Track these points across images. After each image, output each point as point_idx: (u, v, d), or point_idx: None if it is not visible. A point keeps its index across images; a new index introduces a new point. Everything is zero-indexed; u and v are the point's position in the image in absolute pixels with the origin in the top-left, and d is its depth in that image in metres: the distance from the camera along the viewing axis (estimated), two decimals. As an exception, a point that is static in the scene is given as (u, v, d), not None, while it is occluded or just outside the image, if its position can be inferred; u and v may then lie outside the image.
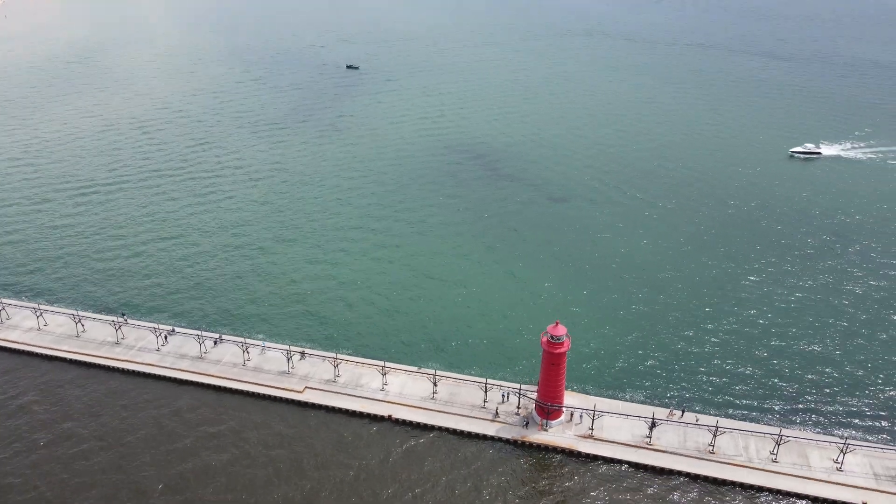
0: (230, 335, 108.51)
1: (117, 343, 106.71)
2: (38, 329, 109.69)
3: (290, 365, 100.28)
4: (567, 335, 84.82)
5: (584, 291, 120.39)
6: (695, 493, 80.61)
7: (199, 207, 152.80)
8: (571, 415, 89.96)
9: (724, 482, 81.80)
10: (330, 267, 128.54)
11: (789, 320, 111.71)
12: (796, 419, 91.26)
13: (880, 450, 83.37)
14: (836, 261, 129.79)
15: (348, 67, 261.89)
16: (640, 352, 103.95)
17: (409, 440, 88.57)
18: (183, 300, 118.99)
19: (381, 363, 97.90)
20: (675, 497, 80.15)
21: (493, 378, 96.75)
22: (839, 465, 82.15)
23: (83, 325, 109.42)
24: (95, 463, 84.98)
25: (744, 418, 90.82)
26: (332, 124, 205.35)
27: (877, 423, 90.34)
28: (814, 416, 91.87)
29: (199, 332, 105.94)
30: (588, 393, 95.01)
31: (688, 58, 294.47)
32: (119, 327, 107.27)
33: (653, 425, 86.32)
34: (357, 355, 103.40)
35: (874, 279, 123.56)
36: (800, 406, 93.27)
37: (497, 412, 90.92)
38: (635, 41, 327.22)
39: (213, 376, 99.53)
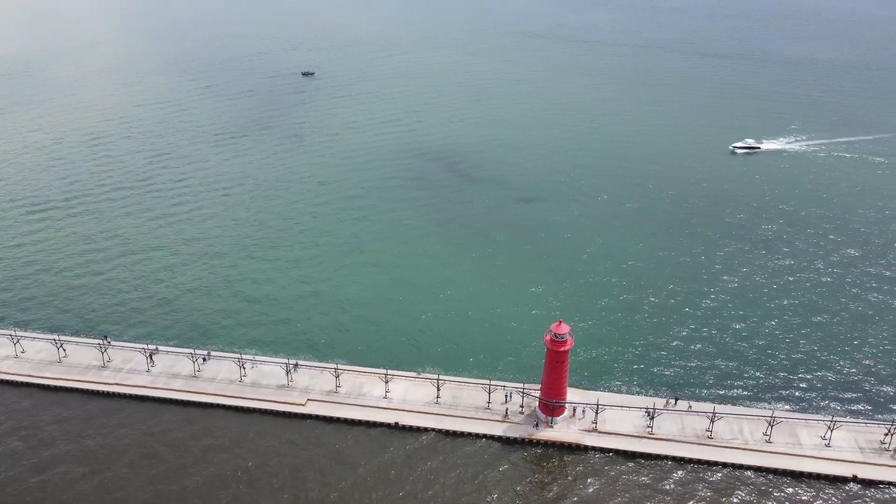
0: (219, 351, 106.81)
1: (104, 366, 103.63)
2: (16, 356, 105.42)
3: (290, 378, 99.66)
4: (570, 333, 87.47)
5: (565, 288, 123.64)
6: (696, 477, 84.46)
7: (167, 222, 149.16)
8: (574, 410, 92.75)
9: (723, 465, 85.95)
10: (309, 277, 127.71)
11: (763, 306, 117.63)
12: (784, 400, 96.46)
13: (863, 424, 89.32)
14: (791, 247, 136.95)
15: (304, 74, 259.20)
16: (628, 345, 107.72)
17: (418, 445, 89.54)
18: (163, 318, 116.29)
19: (384, 371, 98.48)
20: (679, 482, 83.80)
21: (491, 378, 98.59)
22: (827, 442, 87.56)
23: (64, 350, 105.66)
24: (94, 492, 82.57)
25: (734, 403, 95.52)
26: (294, 132, 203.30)
27: (857, 400, 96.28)
28: (799, 396, 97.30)
29: (188, 350, 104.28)
30: (586, 388, 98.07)
31: (632, 58, 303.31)
32: (105, 350, 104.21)
33: (653, 415, 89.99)
34: (354, 364, 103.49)
35: (828, 263, 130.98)
36: (786, 388, 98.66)
37: (507, 413, 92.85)
38: (581, 42, 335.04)
39: (210, 394, 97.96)
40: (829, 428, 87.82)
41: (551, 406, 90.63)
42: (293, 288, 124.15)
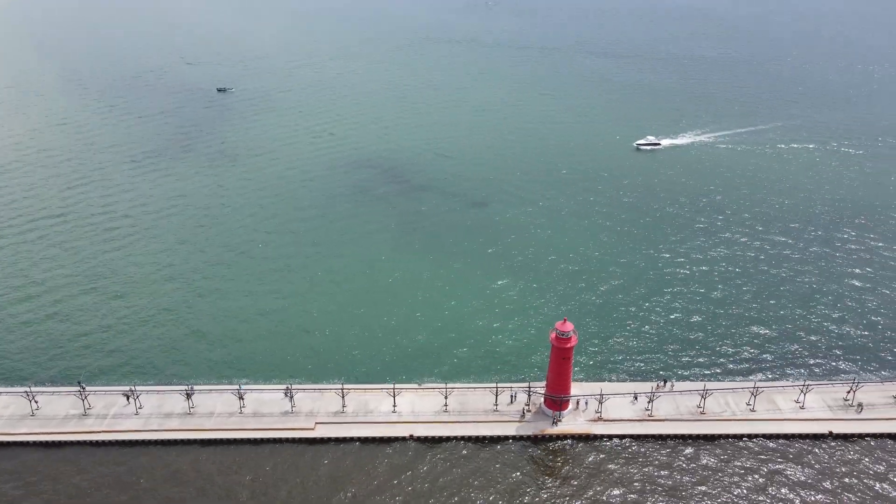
0: (205, 385, 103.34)
1: (85, 415, 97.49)
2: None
3: (292, 404, 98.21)
4: (574, 331, 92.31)
5: (534, 287, 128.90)
6: (697, 451, 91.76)
7: (104, 252, 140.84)
8: (577, 403, 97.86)
9: (717, 437, 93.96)
10: (275, 298, 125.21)
11: (716, 288, 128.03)
12: (759, 372, 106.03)
13: (829, 385, 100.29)
14: (723, 233, 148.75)
15: (219, 90, 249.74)
16: (608, 336, 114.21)
17: (436, 454, 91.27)
18: (129, 356, 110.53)
19: (390, 386, 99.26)
20: (683, 457, 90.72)
21: (492, 380, 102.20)
22: (802, 405, 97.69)
23: (37, 402, 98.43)
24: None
25: (716, 379, 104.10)
26: (222, 151, 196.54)
27: (819, 364, 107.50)
28: (770, 366, 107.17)
29: (169, 388, 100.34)
30: (580, 381, 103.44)
31: (537, 61, 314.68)
32: (85, 397, 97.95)
33: (651, 399, 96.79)
34: (347, 382, 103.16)
35: (758, 246, 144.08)
36: (757, 360, 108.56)
37: (524, 413, 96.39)
38: (486, 46, 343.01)
39: (212, 430, 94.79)
40: (801, 392, 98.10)
41: (559, 401, 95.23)
42: (263, 312, 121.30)
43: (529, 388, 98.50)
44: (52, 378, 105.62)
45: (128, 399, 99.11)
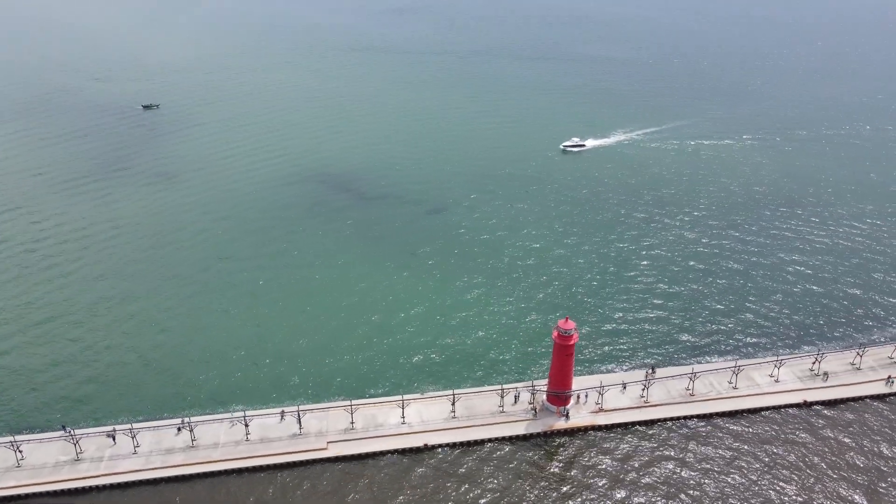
0: (201, 416, 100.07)
1: (78, 460, 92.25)
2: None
3: (300, 425, 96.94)
4: (575, 329, 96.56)
5: (509, 286, 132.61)
6: (692, 430, 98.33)
7: (50, 287, 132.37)
8: (578, 397, 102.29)
9: (707, 416, 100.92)
10: (249, 321, 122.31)
11: (677, 277, 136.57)
12: (734, 351, 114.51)
13: (798, 358, 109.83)
14: (667, 225, 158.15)
15: (145, 108, 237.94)
16: (591, 329, 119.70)
17: (453, 460, 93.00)
18: (109, 395, 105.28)
19: (398, 397, 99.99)
20: (678, 437, 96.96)
21: (493, 382, 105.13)
22: (776, 378, 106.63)
23: (21, 452, 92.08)
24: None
25: (697, 362, 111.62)
26: (158, 170, 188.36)
27: (783, 337, 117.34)
28: (742, 345, 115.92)
29: (162, 423, 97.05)
30: (577, 375, 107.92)
31: (461, 66, 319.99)
32: (77, 441, 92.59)
33: (646, 386, 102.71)
34: (356, 398, 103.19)
35: (700, 233, 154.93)
36: (730, 340, 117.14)
37: (536, 412, 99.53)
38: (407, 53, 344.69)
39: (221, 461, 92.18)
40: (775, 366, 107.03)
41: (563, 397, 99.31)
42: (240, 336, 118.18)
43: (533, 386, 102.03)
44: (29, 426, 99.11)
45: (113, 440, 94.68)
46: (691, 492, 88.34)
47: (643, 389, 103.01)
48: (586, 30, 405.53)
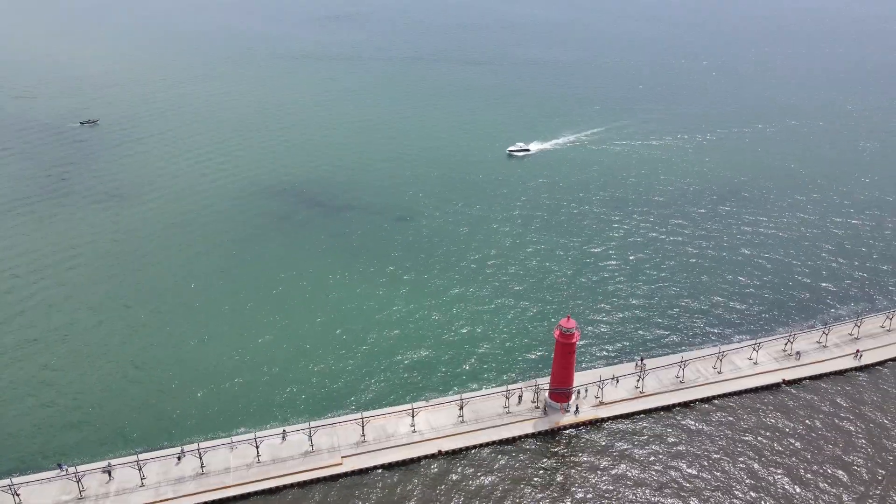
0: (205, 442, 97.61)
1: (81, 498, 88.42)
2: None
3: (311, 443, 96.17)
4: (577, 327, 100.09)
5: (486, 290, 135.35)
6: (688, 416, 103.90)
7: (6, 317, 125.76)
8: (578, 392, 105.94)
9: (696, 402, 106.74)
10: (231, 343, 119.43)
11: (648, 273, 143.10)
12: (715, 337, 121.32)
13: (773, 340, 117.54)
14: (628, 222, 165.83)
15: (83, 123, 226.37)
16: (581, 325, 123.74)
17: (467, 464, 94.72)
18: (101, 427, 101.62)
19: (408, 406, 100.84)
20: (675, 424, 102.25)
21: (494, 383, 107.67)
22: (755, 361, 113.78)
23: (18, 495, 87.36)
24: None
25: (681, 350, 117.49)
26: (107, 190, 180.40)
27: (756, 321, 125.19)
28: (719, 331, 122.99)
29: (162, 454, 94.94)
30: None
31: (403, 71, 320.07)
32: (79, 479, 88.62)
33: (640, 377, 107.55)
34: (360, 411, 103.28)
35: (660, 227, 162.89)
36: (708, 328, 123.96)
37: (546, 411, 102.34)
38: (347, 60, 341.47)
39: (238, 485, 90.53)
40: (753, 349, 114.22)
41: (566, 393, 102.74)
42: (225, 356, 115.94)
43: (536, 385, 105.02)
44: (20, 468, 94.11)
45: (110, 475, 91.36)
46: (704, 468, 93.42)
47: (638, 381, 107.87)
48: (520, 34, 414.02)
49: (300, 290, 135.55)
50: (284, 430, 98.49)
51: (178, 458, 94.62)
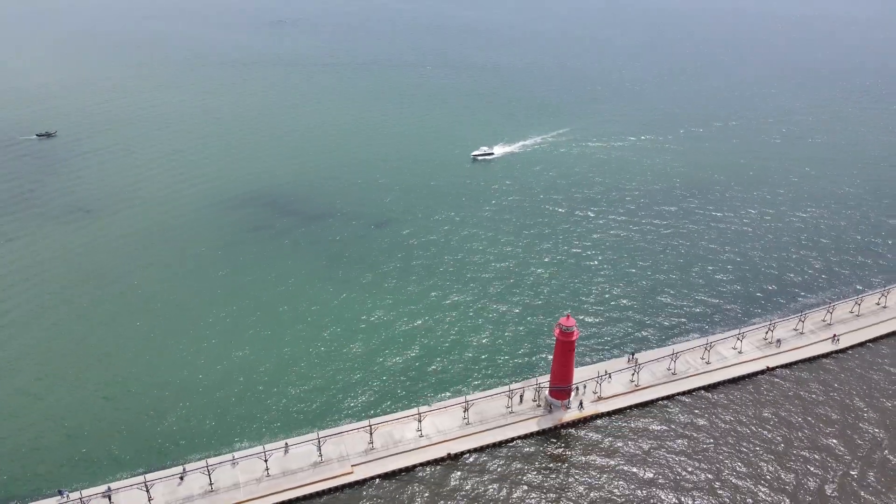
0: (194, 464, 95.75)
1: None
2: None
3: (319, 454, 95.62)
4: (576, 326, 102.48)
5: (474, 293, 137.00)
6: (680, 406, 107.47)
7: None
8: (577, 389, 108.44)
9: (688, 392, 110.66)
10: (220, 357, 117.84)
11: (626, 270, 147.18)
12: (699, 330, 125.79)
13: (753, 329, 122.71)
14: (599, 221, 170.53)
15: (39, 136, 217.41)
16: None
17: (480, 464, 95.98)
18: (98, 451, 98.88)
19: (414, 411, 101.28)
20: (672, 414, 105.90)
21: (492, 386, 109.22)
22: (739, 350, 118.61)
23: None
24: None
25: (670, 343, 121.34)
26: (74, 204, 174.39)
27: (736, 311, 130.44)
28: (703, 323, 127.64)
29: (170, 470, 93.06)
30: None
31: (360, 76, 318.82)
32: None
33: (635, 371, 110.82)
34: (372, 417, 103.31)
35: (637, 230, 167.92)
36: (691, 321, 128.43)
37: (551, 408, 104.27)
38: (299, 66, 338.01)
39: (251, 500, 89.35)
40: (737, 339, 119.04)
41: (567, 390, 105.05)
42: (214, 371, 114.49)
43: (537, 383, 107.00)
44: (14, 495, 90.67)
45: (109, 500, 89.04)
46: (704, 455, 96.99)
47: (633, 374, 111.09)
48: (474, 39, 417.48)
49: (285, 300, 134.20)
50: (287, 444, 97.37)
51: (181, 478, 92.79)
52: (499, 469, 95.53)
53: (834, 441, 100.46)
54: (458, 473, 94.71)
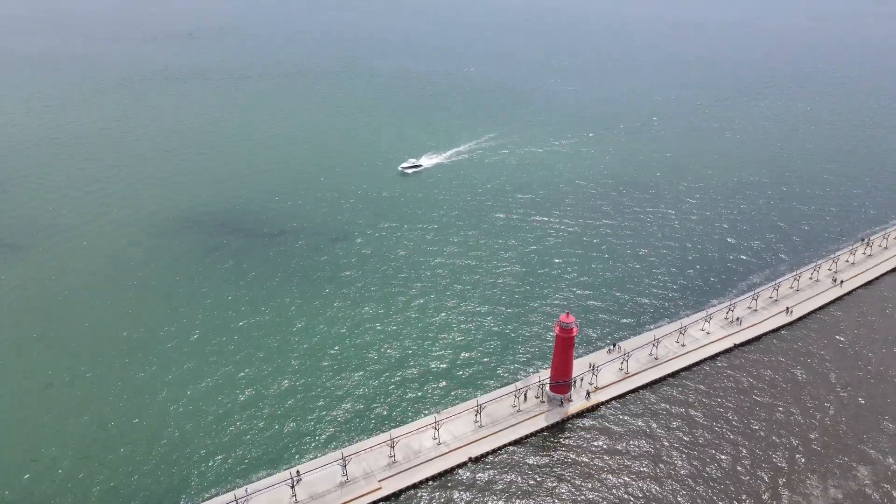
0: (216, 500, 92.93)
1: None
2: None
3: (343, 472, 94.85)
4: (575, 322, 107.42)
5: (452, 299, 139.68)
6: (669, 389, 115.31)
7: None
8: (575, 382, 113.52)
9: (672, 375, 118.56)
10: (211, 389, 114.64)
11: (587, 266, 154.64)
12: (671, 315, 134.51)
13: (716, 310, 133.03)
14: (551, 223, 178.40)
15: None
16: (538, 327, 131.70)
17: (496, 466, 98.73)
18: (110, 491, 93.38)
19: (432, 419, 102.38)
20: (664, 396, 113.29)
21: (494, 386, 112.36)
22: (707, 331, 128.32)
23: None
24: None
25: (648, 329, 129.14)
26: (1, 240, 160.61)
27: (700, 294, 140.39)
28: (669, 308, 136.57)
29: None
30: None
31: (264, 89, 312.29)
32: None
33: (624, 359, 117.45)
34: (375, 432, 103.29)
35: (585, 229, 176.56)
36: (661, 307, 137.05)
37: (562, 402, 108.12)
38: (208, 80, 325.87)
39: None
40: (705, 321, 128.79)
41: (568, 384, 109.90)
42: (207, 402, 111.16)
43: (540, 380, 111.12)
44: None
45: None
46: (705, 429, 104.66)
47: (621, 363, 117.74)
48: (384, 45, 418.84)
49: (264, 326, 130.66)
50: (298, 470, 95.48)
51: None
52: (524, 465, 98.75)
53: (804, 402, 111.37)
54: (485, 475, 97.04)
